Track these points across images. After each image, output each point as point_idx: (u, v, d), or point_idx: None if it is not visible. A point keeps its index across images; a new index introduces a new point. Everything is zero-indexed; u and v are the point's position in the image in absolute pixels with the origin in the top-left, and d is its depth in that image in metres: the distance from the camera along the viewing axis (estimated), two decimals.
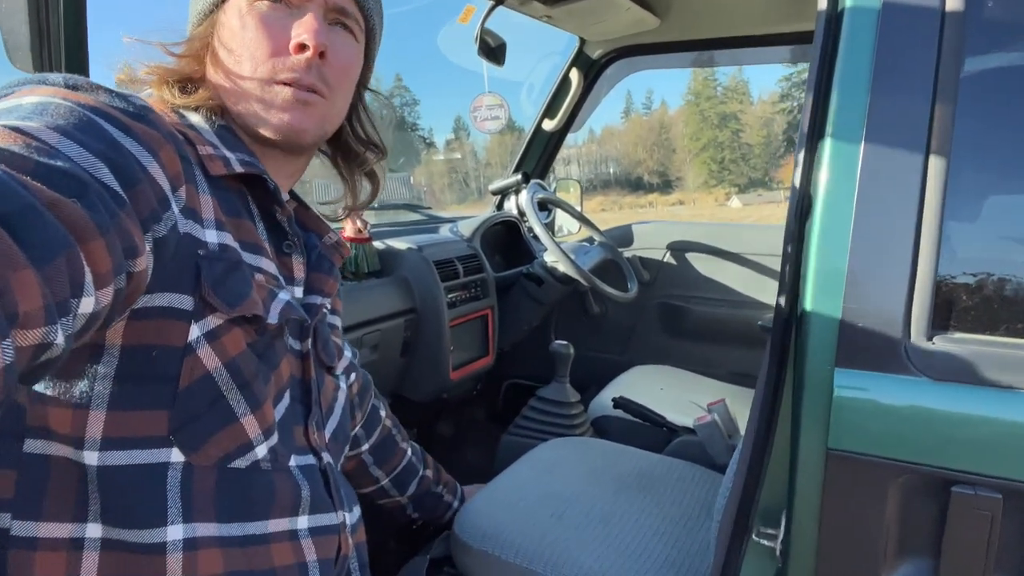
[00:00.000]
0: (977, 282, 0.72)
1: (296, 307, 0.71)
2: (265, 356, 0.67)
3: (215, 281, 0.61)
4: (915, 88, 0.71)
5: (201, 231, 0.62)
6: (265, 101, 0.69)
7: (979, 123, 0.72)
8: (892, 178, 0.71)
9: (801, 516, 0.76)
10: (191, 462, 0.60)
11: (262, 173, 0.70)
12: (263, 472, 0.66)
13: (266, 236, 0.72)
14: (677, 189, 71.42)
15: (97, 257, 0.45)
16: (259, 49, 0.68)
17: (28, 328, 0.38)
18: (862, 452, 0.71)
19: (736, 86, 71.75)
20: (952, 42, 0.71)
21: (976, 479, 0.67)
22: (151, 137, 0.57)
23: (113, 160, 0.51)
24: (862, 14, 0.74)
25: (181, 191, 0.60)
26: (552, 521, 1.14)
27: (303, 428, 0.74)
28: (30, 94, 0.53)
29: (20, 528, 0.56)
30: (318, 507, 0.72)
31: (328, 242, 0.83)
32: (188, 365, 0.59)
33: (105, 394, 0.57)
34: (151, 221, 0.54)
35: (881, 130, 0.72)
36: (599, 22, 1.87)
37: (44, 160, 0.45)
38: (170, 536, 0.58)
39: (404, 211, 2.29)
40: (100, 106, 0.55)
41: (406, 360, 1.68)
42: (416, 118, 73.28)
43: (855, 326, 0.72)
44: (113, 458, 0.57)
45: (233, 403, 0.62)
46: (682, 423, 1.67)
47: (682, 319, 2.27)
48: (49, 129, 0.48)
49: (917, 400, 0.70)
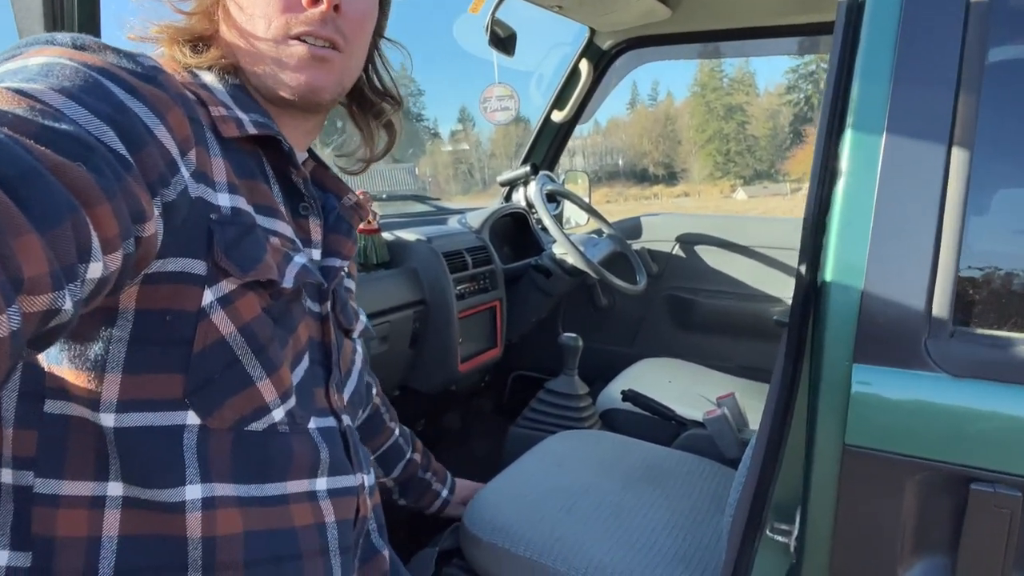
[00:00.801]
0: (999, 277, 0.71)
1: (312, 271, 0.70)
2: (282, 320, 0.66)
3: (228, 245, 0.61)
4: (938, 79, 0.70)
5: (213, 195, 0.61)
6: (280, 60, 0.67)
7: (1004, 115, 0.71)
8: (914, 170, 0.70)
9: (816, 512, 0.76)
10: (207, 425, 0.60)
11: (276, 134, 0.69)
12: (281, 435, 0.66)
13: (282, 198, 0.71)
14: (682, 181, 71.18)
15: (104, 222, 0.44)
16: (271, 4, 0.66)
17: (35, 294, 0.37)
18: (880, 448, 0.70)
19: (742, 77, 71.36)
20: (976, 32, 0.70)
21: (995, 476, 0.66)
22: (159, 99, 0.56)
23: (119, 123, 0.50)
24: (884, 3, 0.73)
25: (191, 154, 0.59)
26: (562, 514, 1.14)
27: (324, 390, 0.74)
28: (37, 55, 0.53)
29: (43, 486, 0.56)
30: (337, 469, 0.72)
31: (347, 203, 0.81)
32: (202, 329, 0.59)
33: (120, 357, 0.57)
34: (159, 185, 0.54)
35: (903, 122, 0.71)
36: (610, 12, 1.85)
37: (48, 123, 0.44)
38: (188, 496, 0.59)
39: (412, 202, 2.28)
40: (107, 67, 0.54)
41: (415, 351, 1.67)
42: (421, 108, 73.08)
43: (874, 321, 0.71)
44: (129, 420, 0.57)
45: (248, 367, 0.62)
46: (691, 416, 1.67)
47: (691, 312, 2.26)
48: (54, 91, 0.48)
49: (937, 396, 0.69)
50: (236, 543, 0.61)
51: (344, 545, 0.72)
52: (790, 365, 0.78)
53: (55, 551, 0.57)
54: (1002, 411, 0.67)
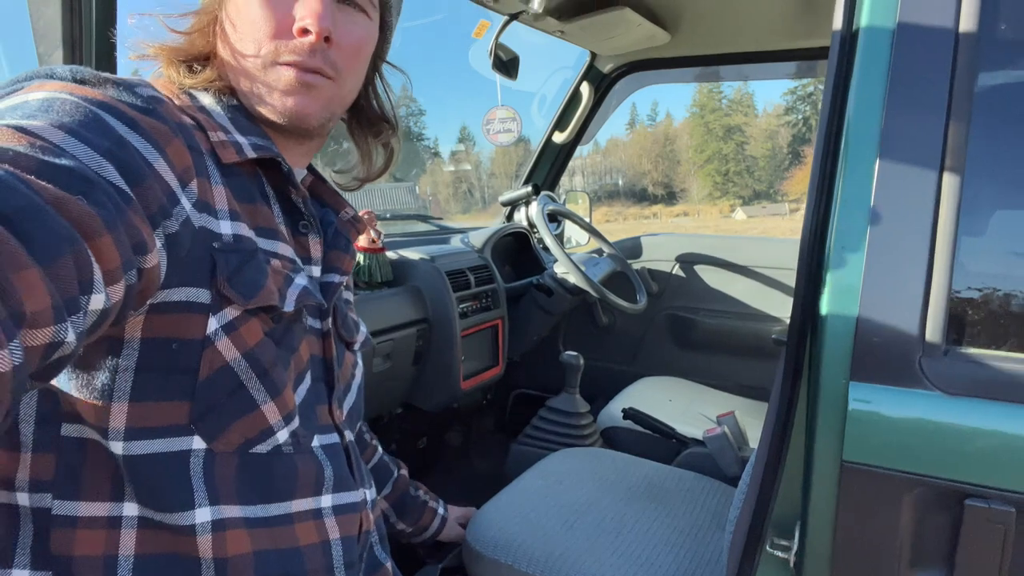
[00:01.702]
0: (991, 297, 0.74)
1: (312, 291, 0.71)
2: (283, 341, 0.67)
3: (230, 273, 0.61)
4: (929, 106, 0.73)
5: (216, 223, 0.62)
6: (268, 83, 0.67)
7: (993, 140, 0.73)
8: (906, 195, 0.72)
9: (815, 527, 0.77)
10: (212, 449, 0.61)
11: (276, 156, 0.69)
12: (285, 456, 0.67)
13: (282, 218, 0.72)
14: (681, 200, 71.46)
15: (105, 253, 0.45)
16: (262, 29, 0.65)
17: (36, 328, 0.38)
18: (877, 465, 0.72)
19: (741, 99, 71.90)
20: (966, 61, 0.72)
21: (990, 492, 0.68)
22: (159, 132, 0.57)
23: (118, 157, 0.51)
24: (877, 33, 0.76)
25: (192, 185, 0.60)
26: (563, 531, 1.15)
27: (326, 407, 0.74)
28: (38, 90, 0.53)
29: (61, 507, 0.58)
30: (341, 485, 0.73)
31: (344, 218, 0.81)
32: (208, 357, 0.60)
33: (127, 387, 0.58)
34: (160, 217, 0.54)
35: (896, 146, 0.73)
36: (611, 37, 1.89)
37: (49, 159, 0.45)
38: (199, 519, 0.60)
39: (416, 222, 2.31)
40: (107, 101, 0.55)
41: (418, 369, 1.69)
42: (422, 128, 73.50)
43: (870, 340, 0.73)
44: (138, 447, 0.58)
45: (253, 391, 0.63)
46: (691, 435, 1.68)
47: (690, 331, 2.28)
48: (54, 127, 0.48)
49: (931, 414, 0.70)
50: (246, 563, 0.62)
51: (349, 561, 0.73)
52: (789, 383, 0.80)
53: (73, 570, 0.58)
54: (994, 428, 0.68)
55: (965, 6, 0.72)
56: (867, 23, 0.76)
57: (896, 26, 0.74)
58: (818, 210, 0.78)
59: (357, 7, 0.70)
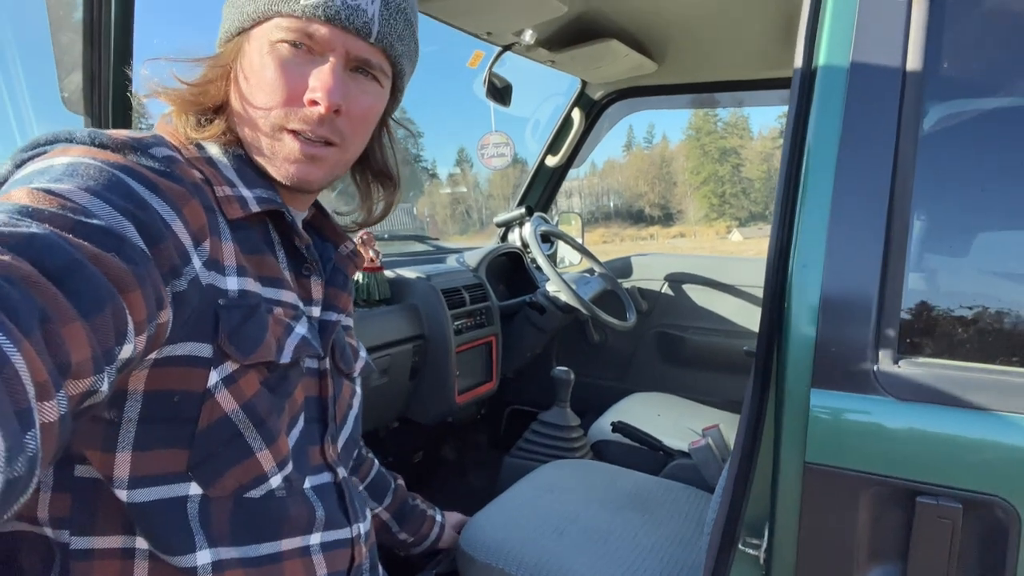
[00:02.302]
0: (939, 311, 0.80)
1: (311, 341, 0.73)
2: (279, 388, 0.69)
3: (232, 330, 0.63)
4: (880, 136, 0.80)
5: (223, 280, 0.64)
6: (273, 149, 0.69)
7: (938, 167, 0.81)
8: (861, 217, 0.79)
9: (782, 526, 0.83)
10: (208, 495, 0.64)
11: (280, 207, 0.71)
12: (277, 499, 0.69)
13: (287, 263, 0.74)
14: (678, 222, 71.77)
15: (137, 306, 0.48)
16: (273, 94, 0.66)
17: (79, 378, 0.41)
18: (836, 465, 0.78)
19: (736, 122, 72.57)
20: (913, 95, 0.80)
21: (938, 490, 0.74)
22: (176, 193, 0.59)
23: (139, 219, 0.53)
24: (834, 72, 0.83)
25: (205, 244, 0.62)
26: (554, 537, 1.20)
27: (319, 448, 0.76)
28: (62, 155, 0.56)
29: (78, 542, 0.61)
30: (332, 524, 0.75)
31: (343, 252, 0.83)
32: (207, 408, 0.62)
33: (130, 438, 0.60)
34: (171, 276, 0.57)
35: (850, 177, 0.80)
36: (599, 67, 1.98)
37: (81, 219, 0.48)
38: (199, 561, 0.63)
39: (413, 242, 2.37)
40: (128, 164, 0.57)
41: (414, 384, 1.74)
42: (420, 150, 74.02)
43: (829, 351, 0.79)
44: (140, 495, 0.61)
45: (249, 440, 0.65)
46: (678, 447, 1.73)
47: (678, 348, 2.35)
48: (80, 190, 0.51)
49: (885, 418, 0.77)
50: None
51: None
52: (758, 391, 0.86)
53: None
54: (942, 431, 0.75)
55: (911, 46, 0.80)
56: (824, 62, 0.84)
57: (850, 65, 0.82)
58: (782, 232, 0.85)
59: (370, 76, 0.71)
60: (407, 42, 0.74)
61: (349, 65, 0.69)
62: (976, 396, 0.74)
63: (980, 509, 0.73)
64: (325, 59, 0.67)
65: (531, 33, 1.67)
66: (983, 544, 0.74)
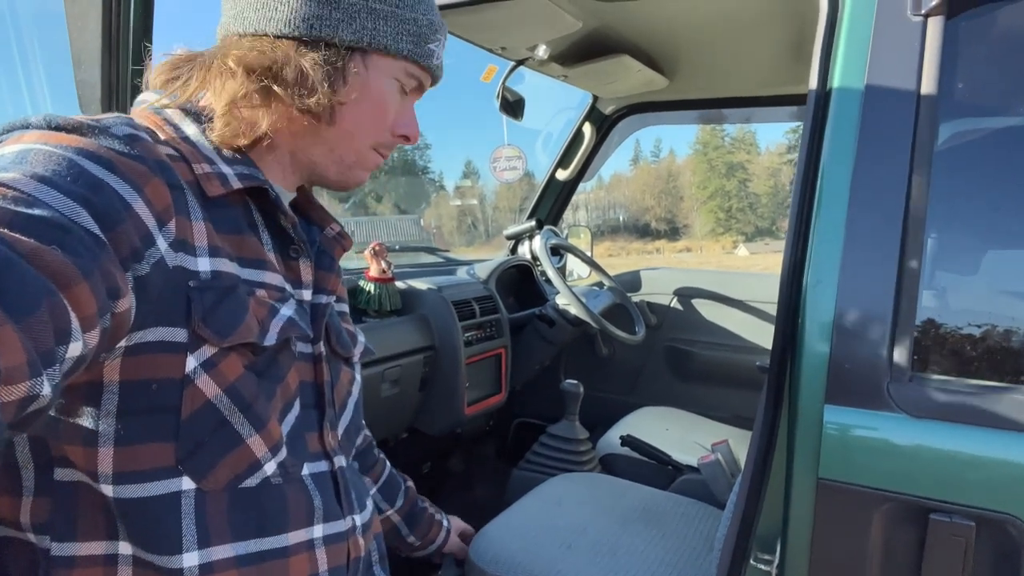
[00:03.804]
0: (952, 329, 0.81)
1: (298, 321, 0.71)
2: (267, 373, 0.67)
3: (205, 312, 0.61)
4: (894, 157, 0.81)
5: (193, 261, 0.62)
6: (360, 163, 0.77)
7: (951, 188, 0.82)
8: (874, 236, 0.80)
9: (795, 542, 0.83)
10: (202, 488, 0.62)
11: (263, 183, 0.70)
12: (274, 487, 0.67)
13: (271, 244, 0.73)
14: (684, 236, 71.77)
15: (82, 301, 0.45)
16: (384, 121, 0.75)
17: (12, 383, 0.38)
18: (849, 482, 0.79)
19: (743, 137, 72.68)
20: (927, 118, 0.81)
21: (951, 507, 0.74)
22: (136, 172, 0.57)
23: (93, 203, 0.51)
24: (848, 93, 0.84)
25: (171, 224, 0.60)
26: (562, 550, 1.20)
27: (317, 434, 0.75)
28: (14, 143, 0.54)
29: (59, 549, 0.60)
30: (330, 515, 0.73)
31: (329, 234, 0.82)
32: (188, 395, 0.61)
33: (111, 431, 0.58)
34: (132, 260, 0.54)
35: (864, 195, 0.81)
36: (611, 82, 1.99)
37: (22, 210, 0.45)
38: (186, 563, 0.61)
39: (423, 253, 2.39)
40: (83, 145, 0.55)
41: (423, 395, 1.75)
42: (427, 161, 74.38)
43: (843, 367, 0.80)
44: (127, 491, 0.59)
45: (237, 426, 0.64)
46: (687, 462, 1.73)
47: (687, 362, 2.35)
48: (28, 178, 0.49)
49: (898, 435, 0.77)
50: None
51: None
52: (771, 407, 0.87)
53: None
54: (955, 448, 0.75)
55: (926, 68, 0.81)
56: (839, 83, 0.85)
57: (865, 85, 0.83)
58: (796, 250, 0.86)
59: None
60: None
61: None
62: (988, 414, 0.75)
63: (993, 527, 0.73)
64: (410, 100, 0.78)
65: (545, 48, 1.69)
66: (996, 562, 0.74)
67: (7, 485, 0.60)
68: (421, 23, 0.73)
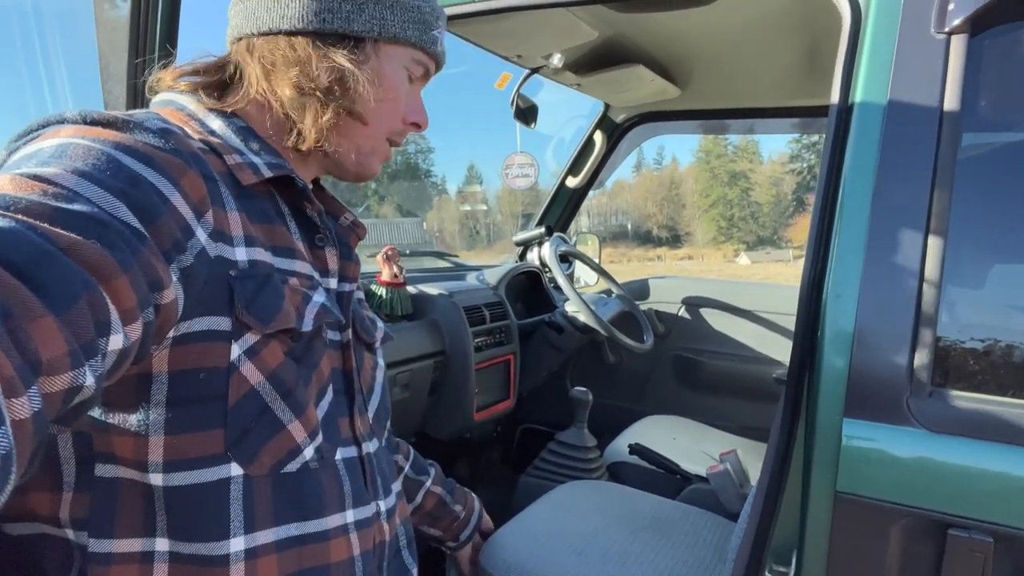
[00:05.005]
0: (973, 343, 0.81)
1: (330, 309, 0.72)
2: (304, 359, 0.69)
3: (248, 300, 0.63)
4: (916, 172, 0.81)
5: (231, 251, 0.63)
6: (376, 153, 0.79)
7: (973, 204, 0.82)
8: (895, 250, 0.81)
9: (811, 554, 0.84)
10: (248, 474, 0.63)
11: (290, 173, 0.71)
12: (312, 472, 0.69)
13: (299, 233, 0.74)
14: (686, 244, 71.78)
15: (121, 294, 0.46)
16: (397, 110, 0.77)
17: (54, 374, 0.39)
18: (867, 495, 0.79)
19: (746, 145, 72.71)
20: (950, 134, 0.81)
21: (970, 523, 0.75)
22: (173, 165, 0.58)
23: (132, 196, 0.52)
24: (870, 108, 0.85)
25: (208, 215, 0.61)
26: (572, 557, 1.21)
27: (348, 419, 0.76)
28: (52, 137, 0.55)
29: (96, 545, 0.60)
30: (358, 500, 0.74)
31: (344, 223, 0.83)
32: (234, 382, 0.62)
33: (161, 420, 0.60)
34: (175, 252, 0.55)
35: (886, 208, 0.82)
36: (624, 91, 2.01)
37: (62, 205, 0.46)
38: (232, 548, 0.62)
39: (433, 258, 2.40)
40: (120, 140, 0.56)
41: (433, 399, 1.76)
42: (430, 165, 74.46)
43: (862, 381, 0.80)
44: (177, 479, 0.61)
45: (279, 412, 0.65)
46: (695, 471, 1.74)
47: (695, 371, 2.35)
48: (67, 172, 0.49)
49: (917, 450, 0.78)
50: None
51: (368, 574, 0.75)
52: (788, 418, 0.87)
53: None
54: (974, 464, 0.76)
55: (949, 84, 0.82)
56: (861, 99, 0.86)
57: (887, 103, 0.84)
58: (816, 263, 0.86)
59: None
60: None
61: None
62: (1008, 430, 0.75)
63: (1011, 543, 0.73)
64: (418, 87, 0.80)
65: (559, 57, 1.70)
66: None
67: (46, 481, 0.61)
68: (424, 10, 0.75)
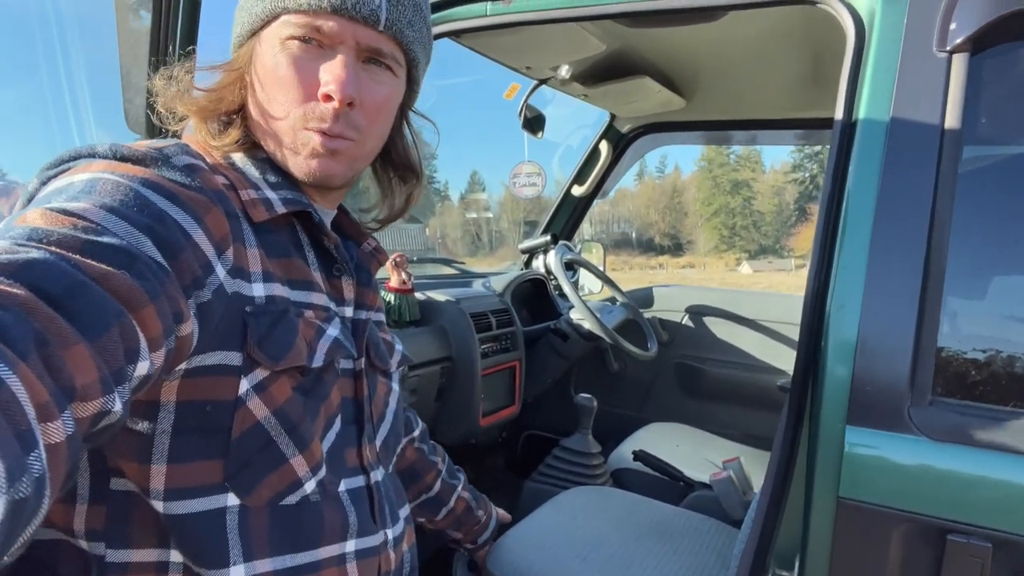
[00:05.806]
0: (974, 353, 0.83)
1: (343, 342, 0.73)
2: (313, 392, 0.69)
3: (261, 337, 0.63)
4: (918, 187, 0.83)
5: (248, 287, 0.64)
6: (294, 147, 0.69)
7: (975, 215, 0.84)
8: (898, 261, 0.83)
9: (813, 559, 0.85)
10: (245, 504, 0.64)
11: (306, 207, 0.71)
12: (312, 504, 0.69)
13: (317, 264, 0.74)
14: (688, 252, 71.80)
15: (150, 322, 0.48)
16: (289, 94, 0.67)
17: (87, 400, 0.40)
18: (869, 501, 0.81)
19: (748, 155, 72.84)
20: (951, 150, 0.83)
21: (969, 529, 0.76)
22: (197, 203, 0.59)
23: (157, 232, 0.54)
24: (874, 124, 0.87)
25: (228, 252, 0.62)
26: (577, 562, 1.22)
27: (355, 449, 0.76)
28: (83, 171, 0.57)
29: (114, 555, 0.61)
30: (363, 530, 0.74)
31: (366, 249, 0.83)
32: (240, 416, 0.63)
33: (164, 449, 0.60)
34: (193, 288, 0.57)
35: (888, 221, 0.84)
36: (630, 102, 2.03)
37: (93, 238, 0.48)
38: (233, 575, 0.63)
39: (440, 265, 2.42)
40: (148, 176, 0.57)
41: (439, 405, 1.78)
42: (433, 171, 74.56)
43: (865, 390, 0.82)
44: (177, 507, 0.61)
45: (282, 446, 0.65)
46: (698, 478, 1.75)
47: (698, 379, 2.37)
48: (96, 207, 0.51)
49: (918, 457, 0.80)
50: None
51: None
52: (791, 426, 0.89)
53: None
54: (974, 471, 0.77)
55: (951, 101, 0.84)
56: (864, 116, 0.88)
57: (890, 120, 0.86)
58: (820, 273, 0.88)
59: (383, 66, 0.71)
60: (418, 28, 0.73)
61: (361, 56, 0.69)
62: (1007, 438, 0.77)
63: (1009, 549, 0.75)
64: (335, 52, 0.67)
65: (567, 68, 1.73)
66: None
67: None
68: None
